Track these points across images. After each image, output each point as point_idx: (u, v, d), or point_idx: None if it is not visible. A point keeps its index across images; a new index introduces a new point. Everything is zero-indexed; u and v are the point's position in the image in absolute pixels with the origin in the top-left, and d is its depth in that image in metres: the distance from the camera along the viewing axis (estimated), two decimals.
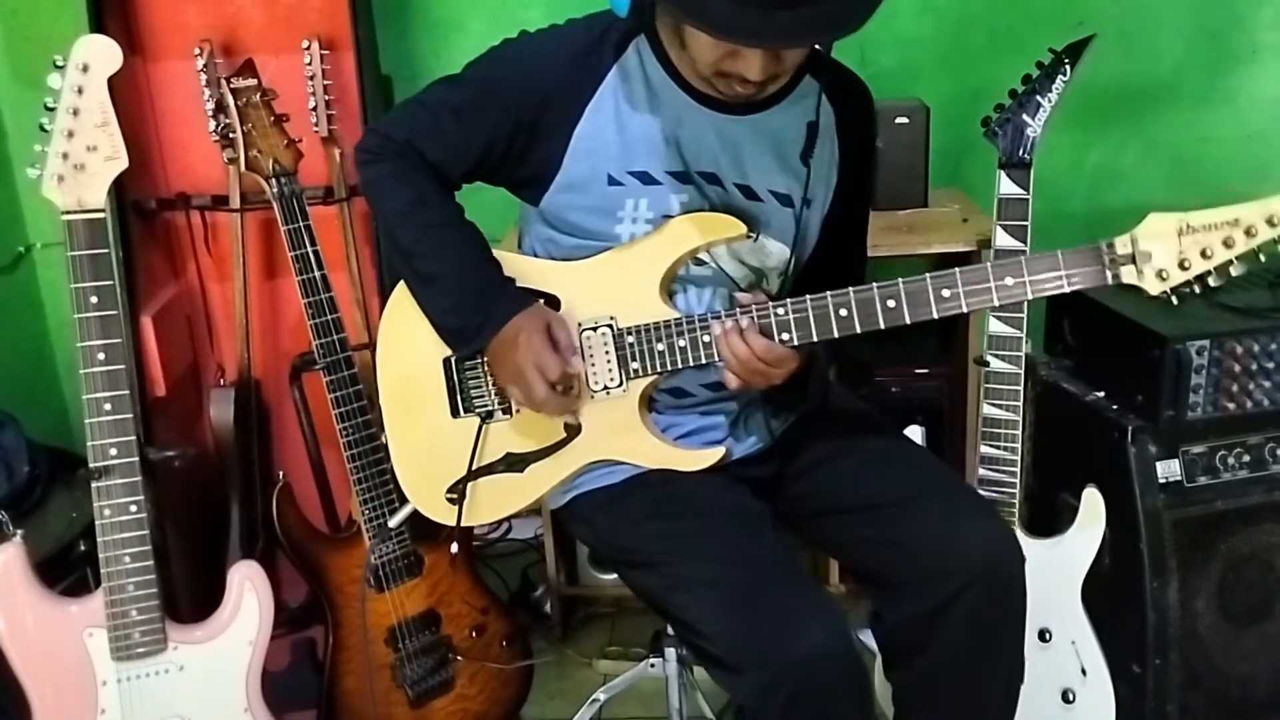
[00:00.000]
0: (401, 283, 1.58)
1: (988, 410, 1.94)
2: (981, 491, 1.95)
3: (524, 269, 1.55)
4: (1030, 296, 1.39)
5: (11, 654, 1.68)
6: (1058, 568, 1.94)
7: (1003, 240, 1.82)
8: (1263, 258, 1.32)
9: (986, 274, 1.38)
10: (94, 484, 1.65)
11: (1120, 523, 1.94)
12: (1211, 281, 1.34)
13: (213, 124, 2.05)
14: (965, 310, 1.39)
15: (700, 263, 1.53)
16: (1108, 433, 2.02)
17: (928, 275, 1.40)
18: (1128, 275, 1.35)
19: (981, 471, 1.96)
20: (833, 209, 1.60)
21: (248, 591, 1.77)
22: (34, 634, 1.68)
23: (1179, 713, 2.02)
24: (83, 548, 1.89)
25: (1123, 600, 2.00)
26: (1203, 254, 1.32)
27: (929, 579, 1.47)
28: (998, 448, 1.94)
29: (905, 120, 2.25)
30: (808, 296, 1.42)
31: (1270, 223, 1.30)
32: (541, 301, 1.52)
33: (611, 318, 1.51)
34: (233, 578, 1.78)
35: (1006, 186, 1.83)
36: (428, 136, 1.51)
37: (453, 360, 1.57)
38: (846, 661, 1.36)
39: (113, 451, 1.65)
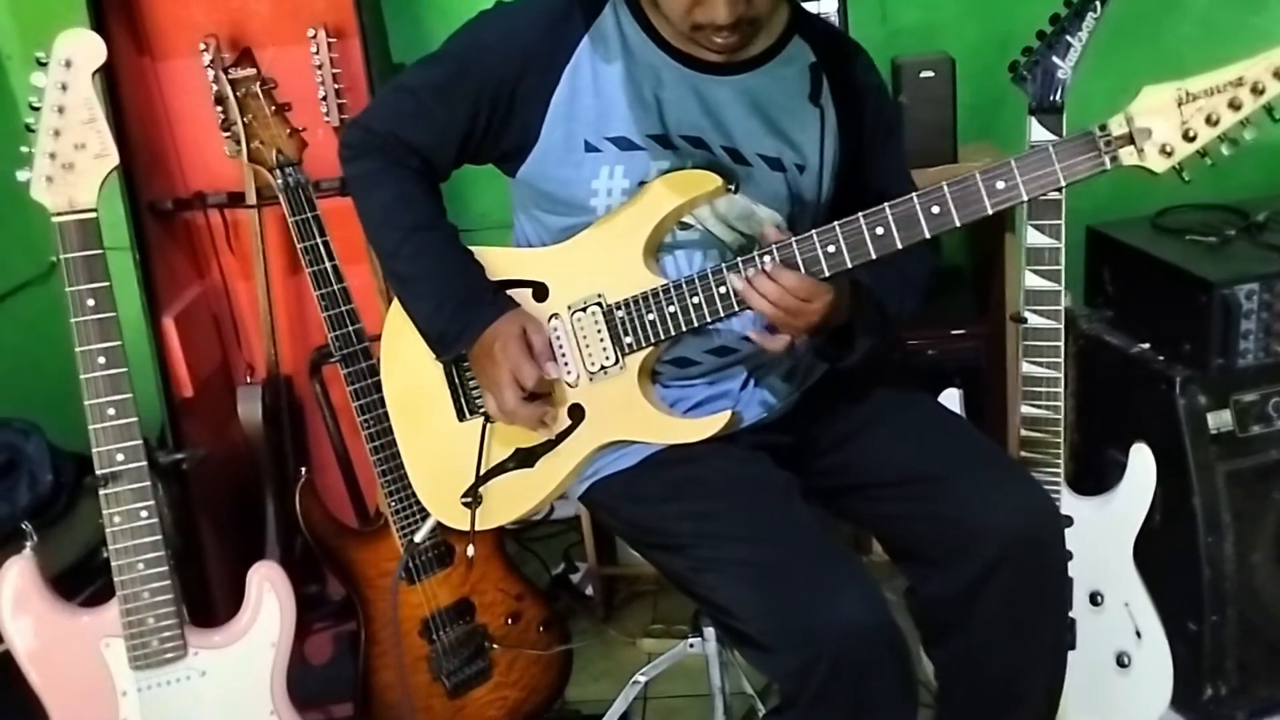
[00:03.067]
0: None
1: (1027, 369, 1.73)
2: (1025, 454, 1.75)
3: (505, 262, 1.41)
4: (1025, 198, 1.21)
5: (28, 668, 1.52)
6: (1108, 528, 1.75)
7: None
8: (1276, 115, 1.14)
9: (975, 184, 1.20)
10: (101, 491, 1.48)
11: (1171, 478, 1.75)
12: (1224, 150, 1.15)
13: (221, 119, 1.86)
14: (958, 224, 1.22)
15: (685, 226, 1.36)
16: (1155, 385, 1.83)
17: (914, 195, 1.22)
18: (1127, 157, 1.17)
19: (1024, 433, 1.76)
20: (853, 172, 1.43)
21: (267, 593, 1.60)
22: (50, 647, 1.53)
23: (1237, 669, 1.85)
24: (105, 554, 1.73)
25: (1176, 558, 1.81)
26: (1209, 120, 1.14)
27: (963, 552, 1.35)
28: (1040, 407, 1.73)
29: (930, 74, 2.02)
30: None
31: (1278, 75, 1.11)
32: (530, 292, 1.38)
33: (599, 295, 1.35)
34: (251, 579, 1.61)
35: (1038, 132, 1.62)
36: (412, 120, 1.37)
37: (452, 364, 1.42)
38: (885, 635, 1.24)
39: (119, 457, 1.48)
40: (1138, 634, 1.74)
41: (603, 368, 1.36)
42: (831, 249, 1.25)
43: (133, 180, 1.97)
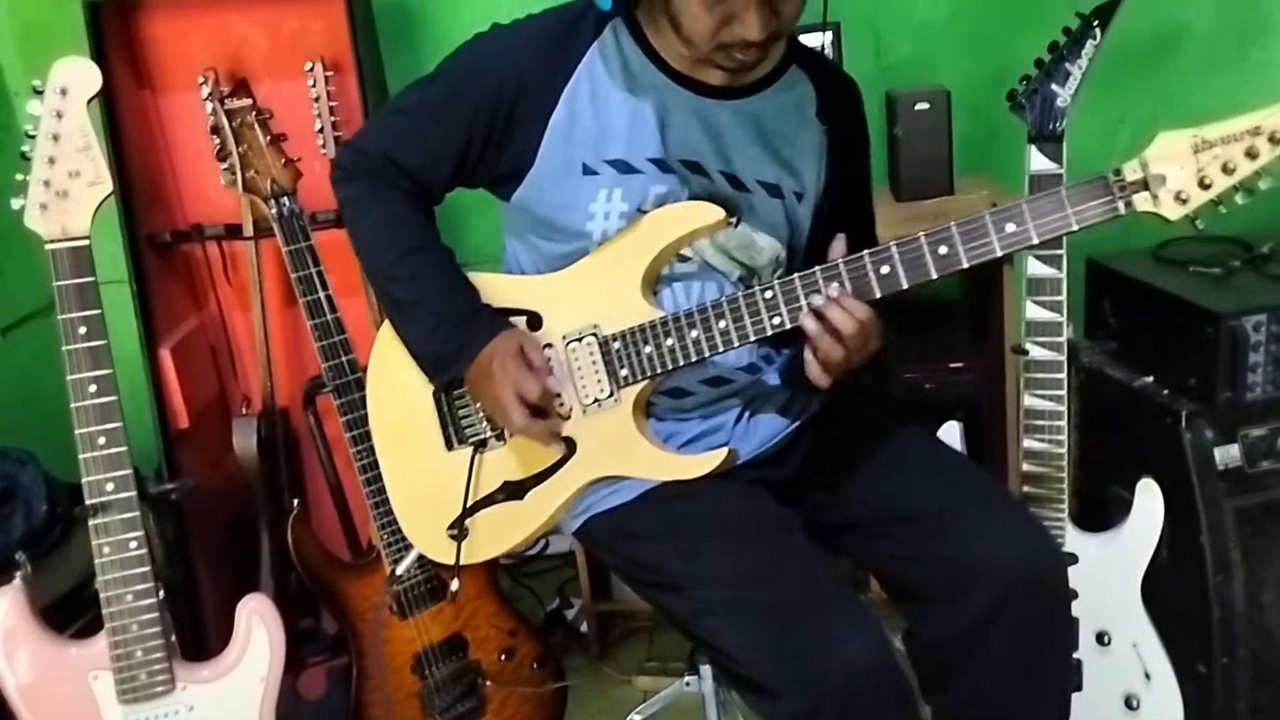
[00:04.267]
0: (386, 322, 1.42)
1: (1030, 402, 1.72)
2: (1028, 489, 1.74)
3: (500, 289, 1.39)
4: (1036, 240, 1.19)
5: (15, 700, 1.52)
6: (1114, 565, 1.72)
7: None
8: None
9: (985, 224, 1.19)
10: (91, 521, 1.49)
11: (1178, 514, 1.73)
12: (1239, 199, 1.14)
13: (217, 148, 1.89)
14: (965, 266, 1.21)
15: (684, 258, 1.35)
16: (1160, 419, 1.81)
17: (921, 234, 1.20)
18: (1142, 203, 1.15)
19: (1026, 467, 1.75)
20: (828, 199, 1.43)
21: (257, 626, 1.59)
22: (37, 678, 1.53)
23: (1249, 711, 1.81)
24: (96, 586, 1.73)
25: (1184, 597, 1.78)
26: (1224, 169, 1.13)
27: (965, 593, 1.32)
28: (1043, 440, 1.72)
29: (926, 106, 2.04)
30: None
31: None
32: (524, 321, 1.36)
33: (595, 326, 1.33)
34: (241, 613, 1.60)
35: (1038, 161, 1.62)
36: (406, 142, 1.36)
37: (441, 392, 1.41)
38: (889, 675, 1.21)
39: (109, 487, 1.49)
40: (1146, 675, 1.71)
41: (596, 400, 1.34)
42: (835, 287, 1.23)
43: (131, 212, 2.01)
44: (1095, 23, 1.57)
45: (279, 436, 2.14)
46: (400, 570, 1.60)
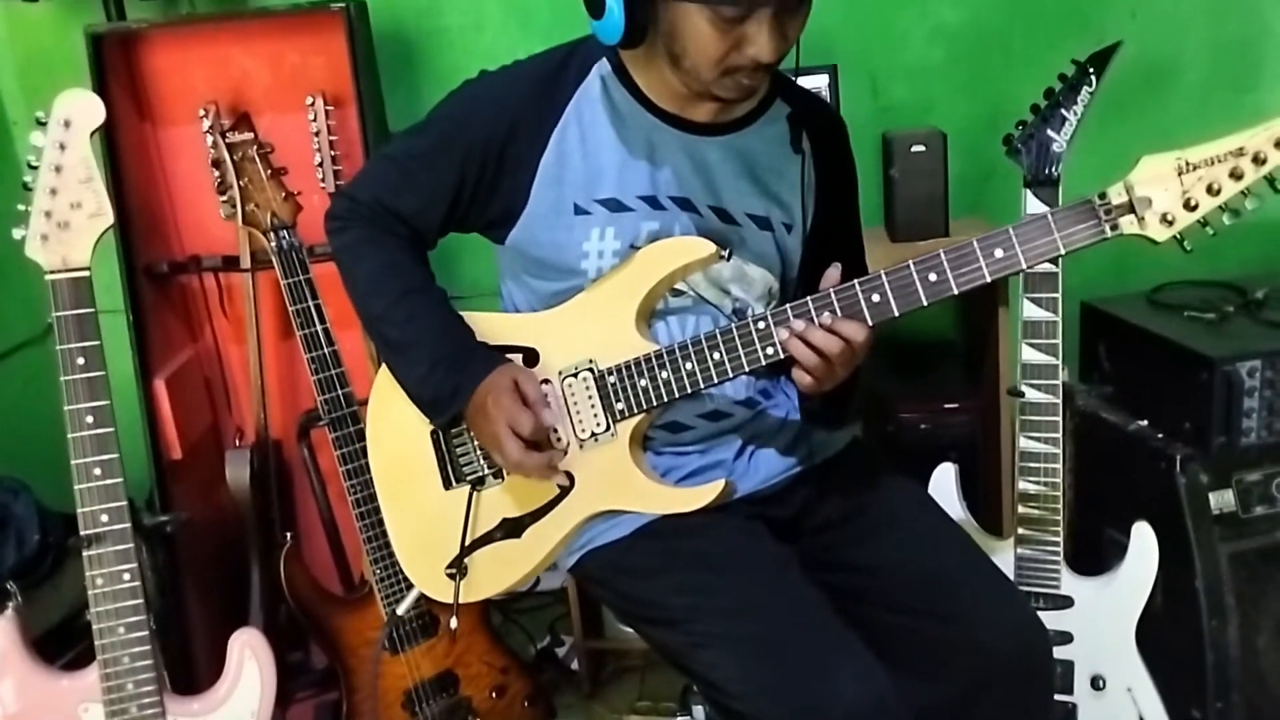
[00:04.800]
0: (385, 365, 1.45)
1: (1025, 444, 1.75)
2: (1023, 531, 1.77)
3: (496, 327, 1.42)
4: (1025, 266, 1.21)
5: None
6: (1109, 609, 1.75)
7: None
8: (1278, 186, 1.13)
9: (973, 250, 1.20)
10: (85, 552, 1.50)
11: (1173, 559, 1.75)
12: (1226, 220, 1.15)
13: (217, 181, 1.92)
14: (955, 291, 1.22)
15: (678, 292, 1.38)
16: (1154, 463, 1.84)
17: (910, 262, 1.22)
18: (1128, 225, 1.17)
19: (1021, 509, 1.77)
20: (818, 232, 1.45)
21: (248, 660, 1.60)
22: (27, 710, 1.53)
23: None
24: (88, 617, 1.74)
25: (1179, 641, 1.80)
26: (1210, 190, 1.14)
27: (948, 670, 1.34)
28: (1038, 483, 1.75)
29: (922, 148, 2.07)
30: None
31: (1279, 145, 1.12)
32: (520, 358, 1.38)
33: (591, 360, 1.36)
34: (233, 646, 1.61)
35: (1034, 205, 1.66)
36: (398, 190, 1.40)
37: (439, 431, 1.43)
38: (886, 713, 1.22)
39: (104, 518, 1.50)
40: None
41: (594, 435, 1.36)
42: (827, 316, 1.25)
43: (130, 243, 2.04)
44: (1091, 70, 1.62)
45: (271, 469, 2.15)
46: (401, 611, 1.62)
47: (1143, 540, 1.73)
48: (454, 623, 1.45)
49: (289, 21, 2.10)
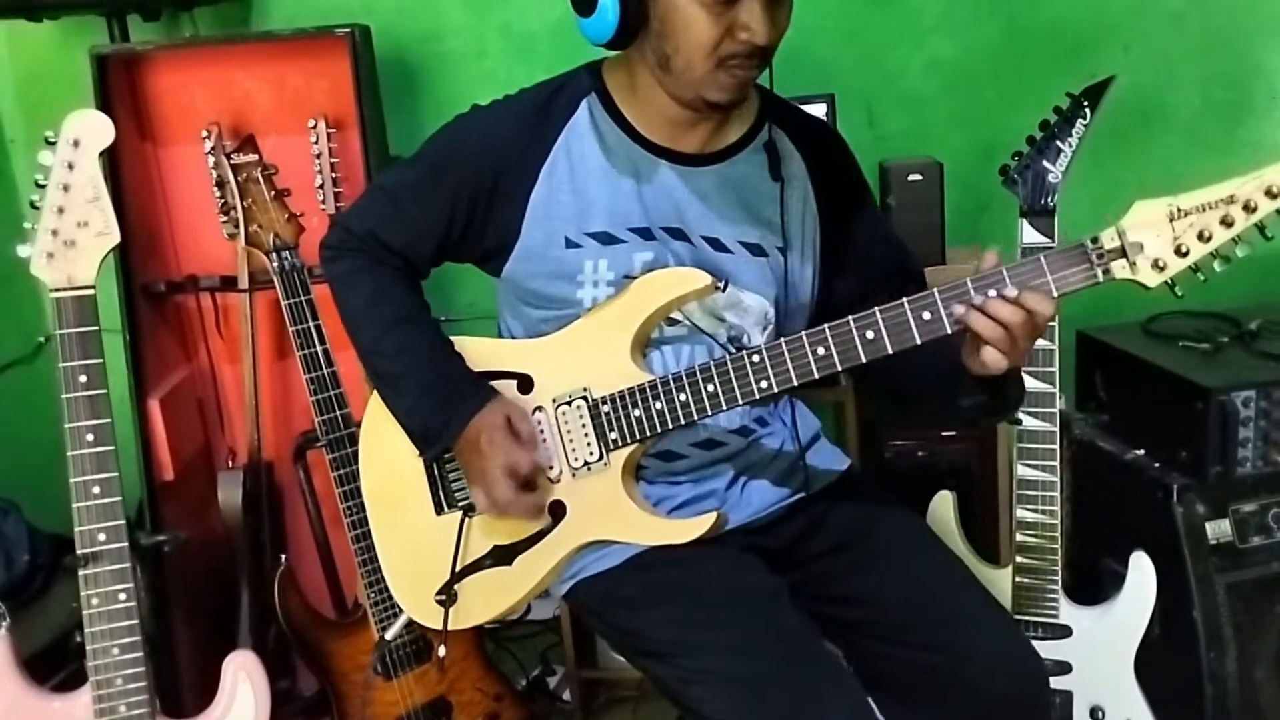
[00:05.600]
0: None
1: (1022, 471, 1.80)
2: (1021, 559, 1.81)
3: (489, 353, 1.45)
4: None
5: None
6: (1108, 639, 1.79)
7: None
8: (1268, 234, 1.17)
9: (967, 290, 1.23)
10: (81, 572, 1.52)
11: (1170, 589, 1.79)
12: (1217, 266, 1.19)
13: (217, 201, 1.97)
14: (949, 332, 1.24)
15: (673, 322, 1.41)
16: (1151, 493, 1.87)
17: (905, 300, 1.25)
18: (1120, 270, 1.20)
19: (1019, 537, 1.81)
20: (841, 249, 1.48)
21: (243, 683, 1.62)
22: None
23: None
24: (79, 638, 1.75)
25: (1178, 672, 1.83)
26: (1201, 237, 1.17)
27: (943, 703, 1.35)
28: (1035, 511, 1.80)
29: (919, 177, 2.14)
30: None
31: (1270, 194, 1.15)
32: (514, 384, 1.42)
33: (585, 389, 1.39)
34: (227, 669, 1.63)
35: (1030, 235, 1.71)
36: (390, 221, 1.44)
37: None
38: None
39: (101, 537, 1.52)
40: None
41: (586, 464, 1.38)
42: (821, 351, 1.28)
43: (128, 262, 2.08)
44: (1085, 103, 1.68)
45: (263, 491, 2.18)
46: (390, 635, 1.65)
47: (1141, 569, 1.77)
48: (442, 650, 1.47)
49: (293, 45, 2.16)
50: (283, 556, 1.86)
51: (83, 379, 1.52)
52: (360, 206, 1.51)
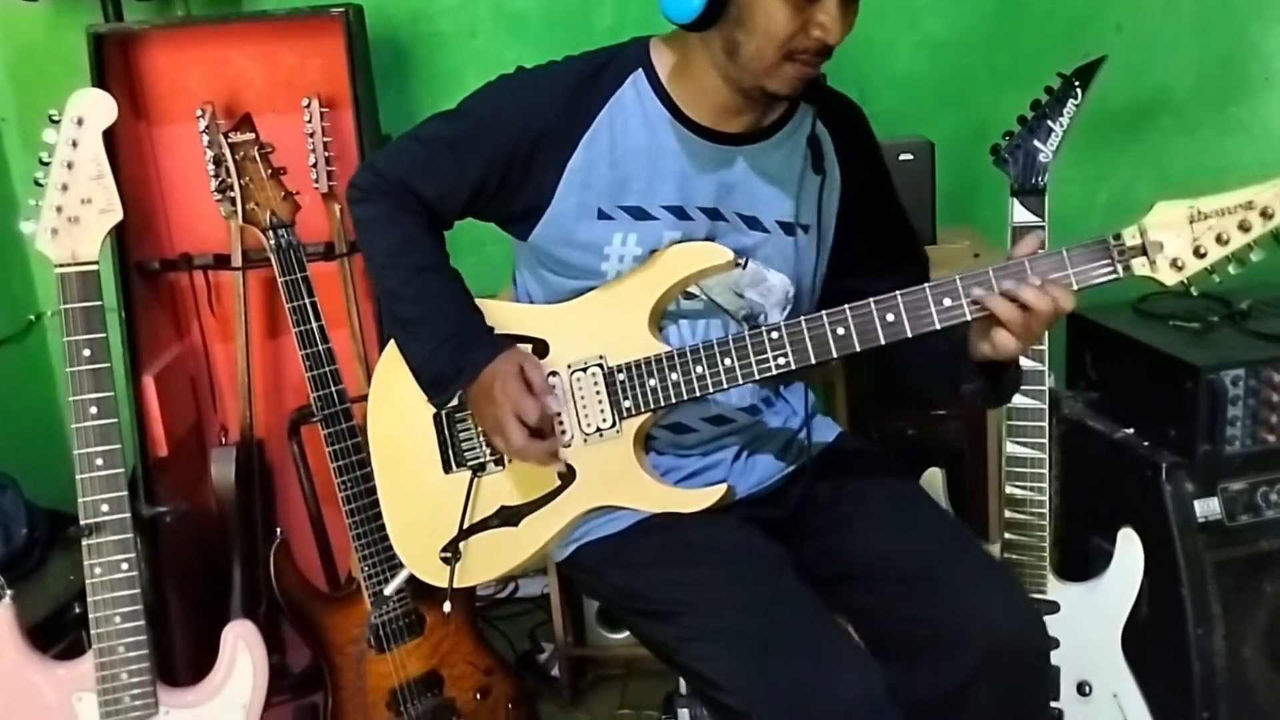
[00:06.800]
0: (393, 341, 1.56)
1: (1012, 449, 1.88)
2: (1010, 536, 1.89)
3: (509, 315, 1.53)
4: None
5: None
6: (1095, 615, 1.87)
7: None
8: None
9: (989, 279, 1.32)
10: (84, 541, 1.62)
11: (1159, 567, 1.87)
12: (1231, 269, 1.29)
13: (213, 180, 2.06)
14: (969, 319, 1.33)
15: (690, 296, 1.49)
16: (1140, 471, 1.95)
17: (926, 285, 1.34)
18: (1140, 268, 1.30)
19: (1008, 514, 1.90)
20: (858, 240, 1.56)
21: (241, 652, 1.72)
22: (21, 697, 1.65)
23: None
24: (78, 609, 1.86)
25: (1166, 649, 1.91)
26: (1219, 240, 1.27)
27: (945, 657, 1.40)
28: (1024, 488, 1.88)
29: (910, 157, 2.22)
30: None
31: None
32: (531, 348, 1.48)
33: (601, 356, 1.47)
34: (226, 638, 1.73)
35: (1020, 214, 1.80)
36: (422, 173, 1.50)
37: (443, 414, 1.53)
38: (879, 712, 1.29)
39: (104, 508, 1.62)
40: None
41: (598, 430, 1.45)
42: (840, 331, 1.35)
43: (123, 240, 2.16)
44: (1076, 83, 1.75)
45: (255, 468, 2.28)
46: (389, 591, 1.71)
47: (1129, 546, 1.85)
48: (447, 606, 1.53)
49: (287, 25, 2.24)
50: (278, 530, 1.94)
51: (86, 353, 1.61)
52: (394, 152, 1.56)
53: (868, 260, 1.54)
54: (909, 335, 1.34)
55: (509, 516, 1.49)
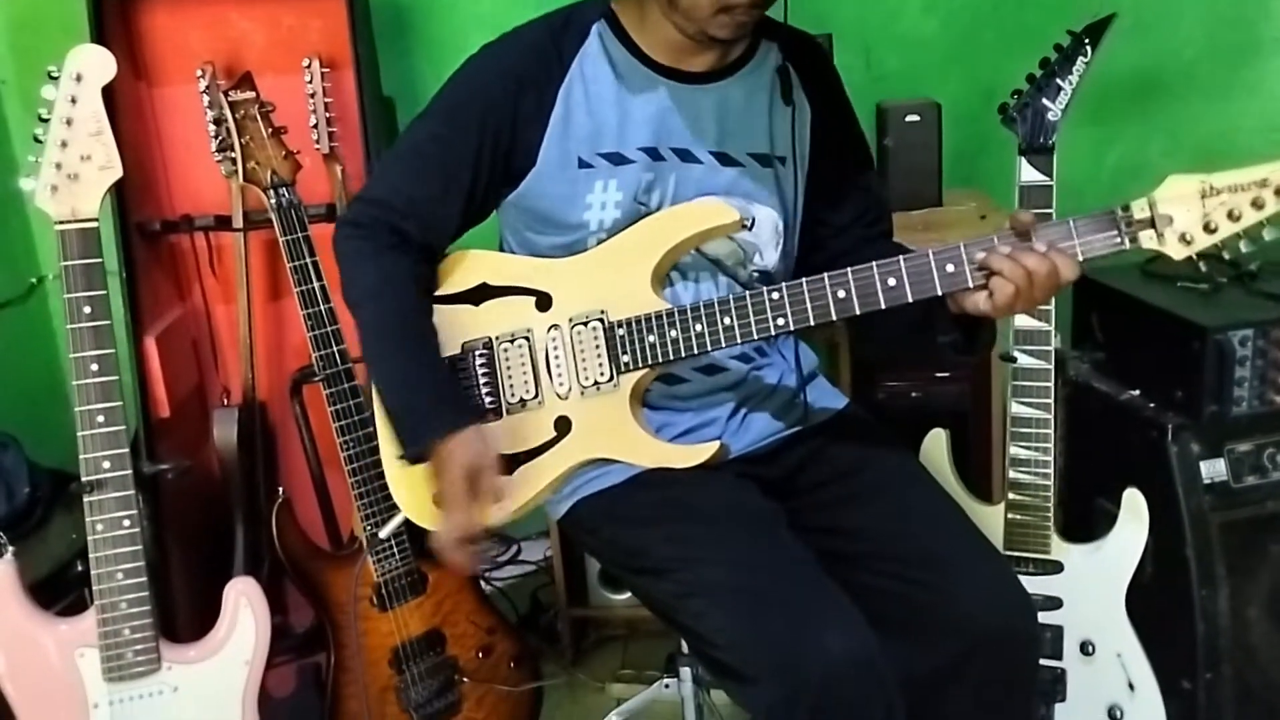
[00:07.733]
0: None
1: (1016, 409, 1.88)
2: (1014, 496, 1.90)
3: (514, 268, 1.55)
4: None
5: (0, 673, 1.66)
6: (1099, 575, 1.88)
7: None
8: None
9: (993, 246, 1.33)
10: (86, 498, 1.64)
11: (1163, 528, 1.87)
12: (1243, 247, 1.28)
13: (214, 140, 2.06)
14: (971, 285, 1.34)
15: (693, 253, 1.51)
16: (1146, 432, 1.96)
17: (929, 250, 1.34)
18: (1147, 240, 1.29)
19: (1012, 474, 1.91)
20: (822, 168, 1.59)
21: (243, 609, 1.75)
22: (24, 653, 1.67)
23: None
24: (80, 567, 1.88)
25: (1170, 610, 1.92)
26: (1230, 216, 1.26)
27: (934, 639, 1.43)
28: (1029, 448, 1.89)
29: (916, 118, 2.23)
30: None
31: None
32: (534, 301, 1.50)
33: (602, 311, 1.49)
34: (228, 595, 1.75)
35: (1028, 173, 1.79)
36: (416, 176, 1.52)
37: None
38: (873, 671, 1.32)
39: (105, 465, 1.64)
40: (1130, 686, 1.85)
41: (596, 383, 1.48)
42: (841, 294, 1.37)
43: (123, 201, 2.16)
44: (1086, 40, 1.75)
45: (257, 429, 2.30)
46: (384, 534, 1.75)
47: (1134, 506, 1.85)
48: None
49: None
50: (280, 489, 1.96)
51: (87, 310, 1.63)
52: (379, 173, 1.60)
53: (830, 189, 1.58)
54: (910, 300, 1.35)
55: (503, 466, 1.49)
